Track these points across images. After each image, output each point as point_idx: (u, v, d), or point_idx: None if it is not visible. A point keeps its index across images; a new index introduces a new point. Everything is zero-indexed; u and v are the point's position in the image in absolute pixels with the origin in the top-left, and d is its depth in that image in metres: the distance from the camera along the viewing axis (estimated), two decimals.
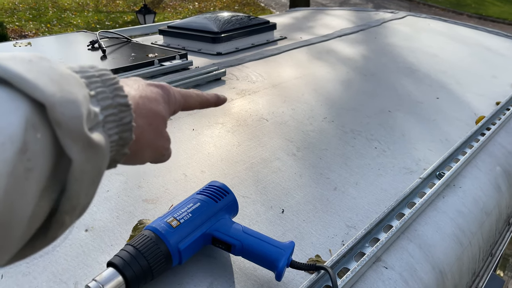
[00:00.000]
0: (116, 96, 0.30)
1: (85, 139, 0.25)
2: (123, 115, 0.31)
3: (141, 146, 0.37)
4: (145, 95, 0.38)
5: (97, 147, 0.26)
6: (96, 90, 0.29)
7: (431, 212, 0.71)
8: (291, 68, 1.31)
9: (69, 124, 0.23)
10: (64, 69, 0.26)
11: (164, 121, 0.39)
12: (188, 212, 0.54)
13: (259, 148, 0.83)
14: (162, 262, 0.49)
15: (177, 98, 0.43)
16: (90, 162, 0.26)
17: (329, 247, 0.60)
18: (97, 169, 0.27)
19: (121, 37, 1.46)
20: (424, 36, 1.81)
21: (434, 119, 1.02)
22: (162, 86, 0.42)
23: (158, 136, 0.39)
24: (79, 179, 0.25)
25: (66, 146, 0.24)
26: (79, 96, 0.25)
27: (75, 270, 0.52)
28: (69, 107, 0.24)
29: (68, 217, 0.26)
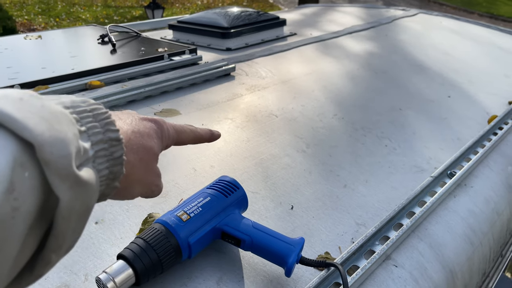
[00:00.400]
0: (107, 130, 0.30)
1: (73, 178, 0.25)
2: (114, 149, 0.31)
3: (131, 181, 0.37)
4: (138, 130, 0.38)
5: (86, 184, 0.26)
6: (87, 126, 0.29)
7: (442, 211, 0.70)
8: (301, 64, 1.30)
9: (58, 163, 0.23)
10: (54, 107, 0.26)
11: (155, 156, 0.39)
12: (198, 206, 0.54)
13: (269, 144, 0.82)
14: (172, 255, 0.49)
15: (171, 133, 0.43)
16: (78, 200, 0.26)
17: (338, 245, 0.60)
18: (85, 206, 0.27)
19: (131, 31, 1.46)
20: (436, 34, 1.79)
21: (446, 117, 1.01)
22: (155, 121, 0.41)
23: (148, 172, 0.39)
24: (67, 218, 0.25)
25: (54, 185, 0.24)
26: (69, 134, 0.25)
27: (85, 262, 0.52)
28: (57, 146, 0.24)
29: (55, 255, 0.26)
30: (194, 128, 0.48)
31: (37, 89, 0.92)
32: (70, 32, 1.46)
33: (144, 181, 0.39)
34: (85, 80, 0.99)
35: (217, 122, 0.89)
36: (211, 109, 0.95)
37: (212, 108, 0.96)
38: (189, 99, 1.00)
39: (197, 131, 0.48)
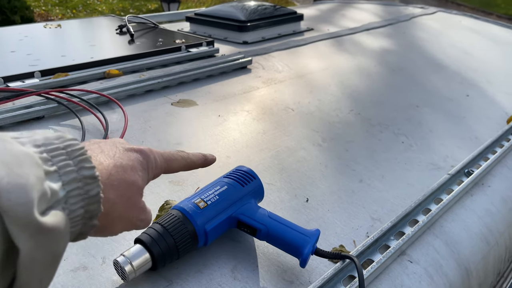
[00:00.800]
0: (82, 168, 0.29)
1: (35, 226, 0.23)
2: (89, 187, 0.29)
3: (112, 219, 0.35)
4: (120, 164, 0.36)
5: (51, 231, 0.24)
6: (59, 164, 0.27)
7: (459, 209, 0.69)
8: (317, 59, 1.30)
9: (16, 211, 0.22)
10: (18, 149, 0.24)
11: (139, 190, 0.38)
12: (215, 195, 0.54)
13: (284, 137, 0.82)
14: (188, 241, 0.49)
15: (158, 163, 0.41)
16: (41, 249, 0.24)
17: (353, 238, 0.60)
18: (51, 254, 0.25)
19: (149, 22, 1.47)
20: (455, 33, 1.76)
21: (464, 116, 1.00)
22: (141, 151, 0.40)
23: (131, 208, 0.37)
24: (29, 268, 0.23)
25: (13, 234, 0.22)
26: (31, 178, 0.24)
27: (102, 245, 0.53)
28: (16, 193, 0.22)
29: None
30: (186, 154, 0.45)
31: (57, 76, 0.93)
32: (88, 22, 1.48)
33: (126, 217, 0.37)
34: (104, 68, 1.00)
35: (233, 114, 0.90)
36: (227, 101, 0.96)
37: (229, 100, 0.96)
38: (205, 91, 1.00)
39: (189, 157, 0.46)
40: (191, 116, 0.87)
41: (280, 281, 0.51)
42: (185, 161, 0.45)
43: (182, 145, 0.76)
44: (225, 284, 0.50)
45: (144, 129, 0.80)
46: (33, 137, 0.27)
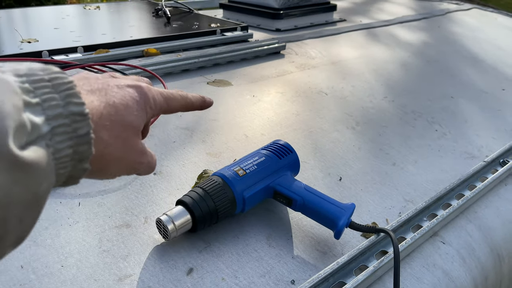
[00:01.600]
0: (69, 103, 0.26)
1: (10, 158, 0.21)
2: (78, 125, 0.26)
3: (107, 162, 0.32)
4: (113, 103, 0.32)
5: (29, 166, 0.22)
6: (42, 97, 0.25)
7: (493, 197, 0.69)
8: (350, 48, 1.29)
9: None
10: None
11: (136, 132, 0.34)
12: (254, 164, 0.56)
13: (318, 119, 0.83)
14: (228, 206, 0.51)
15: (158, 102, 0.37)
16: (19, 185, 0.22)
17: (386, 217, 0.60)
18: (31, 191, 0.23)
19: (184, 7, 1.49)
20: (490, 29, 1.73)
21: (499, 109, 0.98)
22: (138, 87, 0.36)
23: (128, 150, 0.34)
24: (4, 204, 0.21)
25: None
26: (6, 105, 0.21)
27: (145, 206, 0.55)
28: None
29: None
30: (185, 94, 0.42)
31: (98, 52, 0.96)
32: (126, 5, 1.51)
33: (123, 160, 0.34)
34: (143, 47, 1.03)
35: (267, 95, 0.91)
36: (261, 83, 0.97)
37: (263, 82, 0.97)
38: (240, 73, 1.02)
39: (188, 97, 0.42)
40: (226, 95, 0.89)
41: (314, 251, 0.52)
42: (184, 100, 0.42)
43: (218, 121, 0.78)
44: (260, 250, 0.51)
45: None
46: (15, 67, 0.25)
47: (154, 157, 0.39)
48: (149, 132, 0.43)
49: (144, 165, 0.37)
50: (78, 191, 0.57)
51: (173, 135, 0.72)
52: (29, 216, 0.24)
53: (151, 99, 0.36)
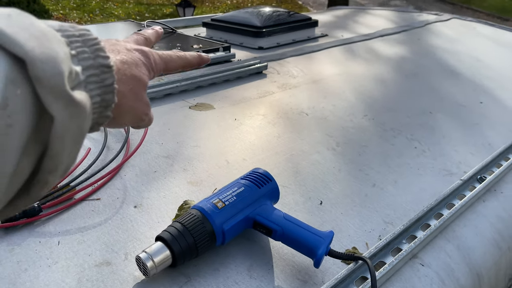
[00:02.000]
0: (98, 56, 0.30)
1: (67, 97, 0.24)
2: (105, 76, 0.30)
3: (121, 111, 0.36)
4: (126, 60, 0.37)
5: (80, 105, 0.26)
6: (77, 50, 0.28)
7: (471, 215, 0.70)
8: (332, 65, 1.31)
9: (51, 81, 0.23)
10: (44, 26, 0.25)
11: (144, 86, 0.39)
12: (233, 195, 0.56)
13: (299, 141, 0.84)
14: (207, 240, 0.52)
15: (157, 63, 0.42)
16: (73, 121, 0.25)
17: (366, 241, 0.61)
18: (79, 128, 0.26)
19: (167, 27, 1.50)
20: (469, 40, 1.76)
21: (477, 123, 1.00)
22: (142, 50, 0.41)
23: (138, 102, 0.38)
24: (62, 138, 0.25)
25: (47, 103, 0.23)
26: (60, 53, 0.25)
27: (125, 242, 0.55)
28: (50, 64, 0.23)
29: (51, 177, 0.26)
30: (183, 53, 0.46)
31: None
32: (108, 27, 1.52)
33: (134, 110, 0.38)
34: None
35: (249, 118, 0.92)
36: (243, 105, 0.98)
37: (245, 104, 0.98)
38: (222, 95, 1.03)
39: (185, 56, 0.47)
40: (208, 119, 0.90)
41: (295, 281, 0.53)
42: (182, 60, 0.46)
43: (199, 147, 0.78)
44: (241, 283, 0.51)
45: (163, 131, 0.83)
46: (48, 23, 0.27)
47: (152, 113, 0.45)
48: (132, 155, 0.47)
49: (148, 117, 0.42)
50: (58, 228, 0.57)
51: (154, 165, 0.72)
52: (74, 151, 0.27)
53: (153, 61, 0.41)
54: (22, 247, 0.54)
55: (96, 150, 0.75)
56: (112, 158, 0.71)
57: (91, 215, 0.60)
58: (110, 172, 0.67)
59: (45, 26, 0.25)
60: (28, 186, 0.26)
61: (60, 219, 0.58)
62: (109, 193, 0.64)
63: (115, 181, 0.67)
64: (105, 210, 0.61)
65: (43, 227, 0.57)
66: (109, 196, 0.64)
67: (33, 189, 0.26)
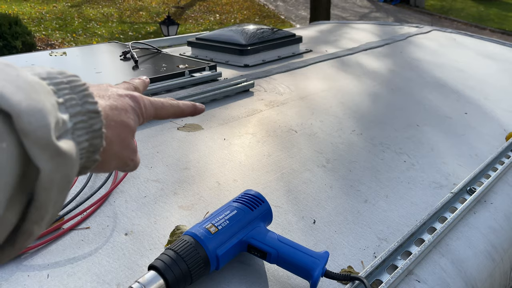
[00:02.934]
0: (86, 102, 0.30)
1: (53, 148, 0.25)
2: (93, 121, 0.31)
3: (108, 156, 0.37)
4: (115, 106, 0.37)
5: (66, 155, 0.26)
6: (65, 97, 0.28)
7: (463, 227, 0.71)
8: (318, 80, 1.32)
9: (37, 133, 0.23)
10: (31, 77, 0.26)
11: (132, 132, 0.40)
12: (226, 219, 0.55)
13: (289, 159, 0.84)
14: (201, 266, 0.51)
15: (148, 110, 0.42)
16: (59, 171, 0.25)
17: (361, 259, 0.61)
18: (66, 177, 0.27)
19: (152, 47, 1.50)
20: (451, 51, 1.80)
21: (463, 134, 1.02)
22: (133, 96, 0.41)
23: (125, 147, 0.39)
24: (48, 189, 0.25)
25: (33, 155, 0.23)
26: (47, 104, 0.25)
27: (117, 272, 0.54)
28: (36, 116, 0.23)
29: (37, 227, 0.26)
30: (176, 102, 0.47)
31: None
32: (93, 49, 1.51)
33: (120, 156, 0.39)
34: None
35: (238, 137, 0.92)
36: (232, 124, 0.98)
37: (233, 123, 0.98)
38: (210, 114, 1.02)
39: (178, 105, 0.47)
40: (197, 140, 0.89)
41: None
42: (174, 109, 0.46)
43: (189, 170, 0.78)
44: None
45: (152, 154, 0.82)
46: (36, 71, 0.28)
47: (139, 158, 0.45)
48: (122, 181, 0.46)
49: (134, 162, 0.42)
50: (46, 261, 0.55)
51: (144, 189, 0.71)
52: (60, 199, 0.27)
53: (143, 107, 0.42)
54: (10, 282, 0.52)
55: (83, 177, 0.73)
56: (101, 185, 0.70)
57: (81, 245, 0.58)
58: (99, 200, 0.66)
59: (31, 76, 0.26)
60: (13, 237, 0.26)
61: (48, 250, 0.57)
62: (99, 221, 0.63)
63: (104, 208, 0.66)
64: (95, 239, 0.59)
65: (31, 260, 0.55)
66: (98, 224, 0.62)
67: (18, 240, 0.26)
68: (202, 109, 0.50)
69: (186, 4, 11.09)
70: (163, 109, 0.45)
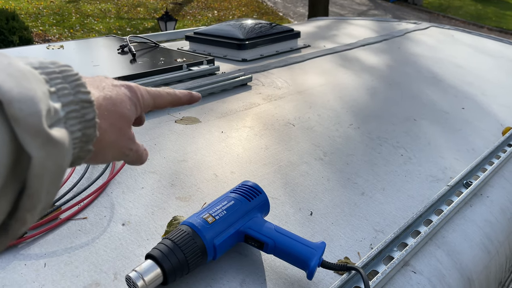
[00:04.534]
0: (78, 92, 0.30)
1: (45, 135, 0.24)
2: (86, 111, 0.31)
3: (103, 146, 0.36)
4: (109, 97, 0.37)
5: (58, 143, 0.26)
6: (57, 87, 0.29)
7: (459, 220, 0.71)
8: (315, 75, 1.32)
9: (28, 121, 0.23)
10: (22, 65, 0.26)
11: (128, 123, 0.39)
12: (223, 210, 0.56)
13: (287, 152, 0.84)
14: (198, 256, 0.51)
15: (145, 99, 0.42)
16: (51, 159, 0.25)
17: (357, 250, 0.61)
18: (58, 166, 0.26)
19: (149, 41, 1.50)
20: (448, 47, 1.81)
21: (460, 128, 1.02)
22: (129, 86, 0.41)
23: (120, 137, 0.38)
24: (40, 176, 0.25)
25: (25, 142, 0.23)
26: (38, 92, 0.25)
27: (114, 261, 0.54)
28: (27, 103, 0.23)
29: (30, 215, 0.26)
30: (172, 91, 0.47)
31: None
32: (90, 43, 1.50)
33: (116, 145, 0.38)
34: None
35: (236, 130, 0.92)
36: (229, 118, 0.98)
37: (231, 117, 0.98)
38: (208, 108, 1.02)
39: (175, 94, 0.47)
40: (195, 133, 0.89)
41: None
42: (171, 97, 0.46)
43: (187, 162, 0.78)
44: None
45: (150, 146, 0.82)
46: (28, 60, 0.28)
47: (144, 149, 0.44)
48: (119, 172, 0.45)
49: (133, 151, 0.41)
50: (43, 250, 0.55)
51: (141, 181, 0.71)
52: (54, 188, 0.27)
53: (140, 96, 0.41)
54: (7, 270, 0.52)
55: (81, 168, 0.73)
56: (98, 176, 0.69)
57: (78, 235, 0.58)
58: (97, 190, 0.66)
59: (23, 65, 0.26)
60: (6, 225, 0.26)
61: (45, 240, 0.57)
62: (96, 212, 0.63)
63: (101, 199, 0.66)
64: (92, 229, 0.59)
65: (28, 249, 0.55)
66: (96, 215, 0.62)
67: (11, 228, 0.26)
68: (199, 97, 0.50)
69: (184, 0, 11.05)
70: (160, 97, 0.45)
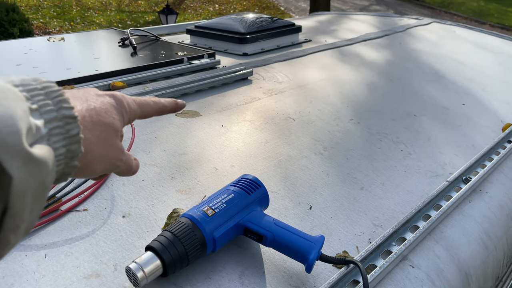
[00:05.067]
0: (61, 108, 0.30)
1: (26, 154, 0.24)
2: (70, 127, 0.30)
3: (90, 159, 0.36)
4: (93, 107, 0.37)
5: (40, 161, 0.25)
6: (39, 103, 0.28)
7: (457, 215, 0.71)
8: (316, 70, 1.32)
9: (7, 140, 0.23)
10: (1, 84, 0.25)
11: (115, 131, 0.38)
12: (223, 202, 0.56)
13: (287, 146, 0.84)
14: (197, 248, 0.51)
15: (132, 108, 0.42)
16: (33, 177, 0.25)
17: (356, 244, 0.62)
18: (41, 184, 0.26)
19: (150, 35, 1.50)
20: (450, 43, 1.80)
21: (460, 124, 1.02)
22: (114, 95, 0.40)
23: (108, 148, 0.38)
24: (21, 196, 0.24)
25: (4, 163, 0.23)
26: (18, 110, 0.25)
27: (114, 253, 0.54)
28: (6, 122, 0.23)
29: (13, 235, 0.25)
30: (158, 99, 0.46)
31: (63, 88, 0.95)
32: (91, 35, 1.50)
33: (105, 157, 0.38)
34: (109, 81, 1.03)
35: (236, 124, 0.92)
36: (230, 111, 0.98)
37: (231, 111, 0.98)
38: (208, 101, 1.03)
39: (160, 102, 0.46)
40: (195, 126, 0.89)
41: (287, 287, 0.52)
42: (157, 105, 0.46)
43: (187, 155, 0.78)
44: None
45: (150, 140, 0.82)
46: (9, 78, 0.28)
47: (135, 160, 0.44)
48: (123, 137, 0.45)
49: (123, 162, 0.41)
50: (44, 241, 0.55)
51: (141, 173, 0.71)
52: (38, 206, 0.27)
53: (126, 105, 0.41)
54: (7, 261, 0.52)
55: None
56: None
57: (78, 226, 0.59)
58: (97, 182, 0.66)
59: (2, 83, 0.26)
60: None
61: (46, 231, 0.57)
62: (96, 203, 0.63)
63: (102, 191, 0.66)
64: (93, 221, 0.60)
65: (29, 240, 0.55)
66: (96, 207, 0.63)
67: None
68: (183, 105, 0.50)
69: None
70: (147, 105, 0.44)
